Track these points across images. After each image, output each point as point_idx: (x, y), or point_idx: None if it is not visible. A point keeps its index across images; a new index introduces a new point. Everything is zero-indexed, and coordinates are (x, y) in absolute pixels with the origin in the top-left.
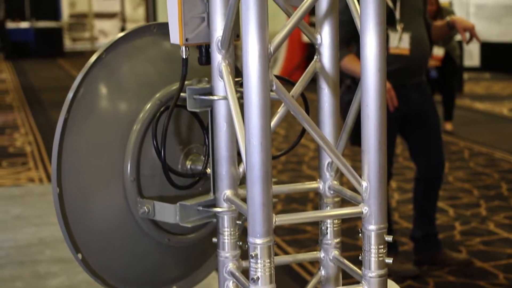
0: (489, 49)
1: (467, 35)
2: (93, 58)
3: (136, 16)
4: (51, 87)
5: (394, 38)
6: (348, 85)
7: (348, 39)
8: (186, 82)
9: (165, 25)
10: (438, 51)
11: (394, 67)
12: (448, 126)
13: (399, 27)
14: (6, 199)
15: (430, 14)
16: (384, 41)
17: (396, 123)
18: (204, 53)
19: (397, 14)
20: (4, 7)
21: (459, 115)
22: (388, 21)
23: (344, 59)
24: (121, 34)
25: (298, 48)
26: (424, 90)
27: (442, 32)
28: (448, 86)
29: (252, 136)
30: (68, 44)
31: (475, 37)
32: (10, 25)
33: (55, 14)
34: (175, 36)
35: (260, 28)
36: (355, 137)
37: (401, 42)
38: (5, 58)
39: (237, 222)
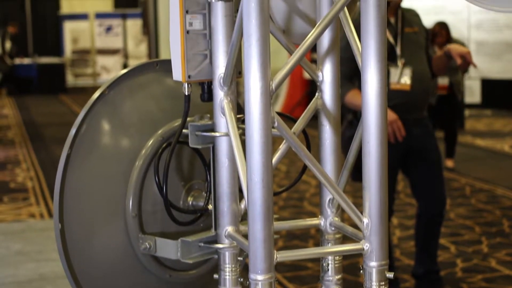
0: (490, 86)
1: (463, 60)
2: (96, 94)
3: (139, 52)
4: (53, 123)
5: (395, 73)
6: (349, 120)
7: (351, 76)
8: (188, 119)
9: (168, 62)
10: (443, 80)
11: (394, 103)
12: (450, 163)
13: (400, 62)
14: (7, 234)
15: (439, 46)
16: (385, 78)
17: (397, 159)
18: (206, 90)
19: (398, 50)
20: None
21: (461, 151)
22: (389, 57)
23: (347, 94)
24: (124, 70)
25: (299, 85)
26: (425, 126)
27: (441, 63)
28: (450, 123)
29: (253, 173)
30: (70, 80)
31: (470, 63)
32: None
33: (58, 50)
34: (177, 73)
35: (262, 65)
36: (357, 173)
37: (402, 77)
38: (7, 93)
39: (239, 258)
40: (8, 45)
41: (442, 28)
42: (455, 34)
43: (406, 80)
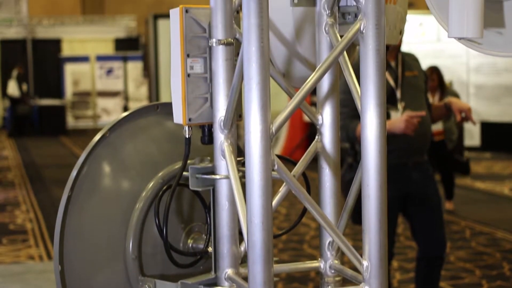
0: (489, 129)
1: (462, 115)
2: (97, 137)
3: (139, 94)
4: (53, 165)
5: (395, 117)
6: (349, 163)
7: (353, 116)
8: (188, 161)
9: (169, 105)
10: (437, 126)
11: (395, 146)
12: (449, 206)
13: (400, 106)
14: (6, 276)
15: (431, 90)
16: (384, 122)
17: (397, 202)
18: (207, 133)
19: (398, 93)
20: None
21: (460, 194)
22: (389, 100)
23: (357, 128)
24: (125, 113)
25: (299, 127)
26: (425, 169)
27: (440, 113)
28: (444, 168)
29: (253, 215)
30: (70, 121)
31: (470, 119)
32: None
33: (59, 92)
34: (178, 116)
35: (262, 108)
36: (356, 216)
37: None
38: (8, 135)
39: None
40: (24, 87)
41: (433, 72)
42: (454, 78)
43: None
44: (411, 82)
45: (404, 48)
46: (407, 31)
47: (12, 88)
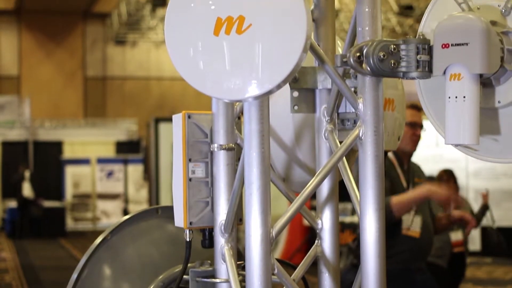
0: (489, 234)
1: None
2: (99, 239)
3: (139, 197)
4: (51, 267)
5: (407, 219)
6: (351, 262)
7: None
8: (189, 265)
9: (169, 209)
10: (457, 235)
11: (403, 248)
12: None
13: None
14: None
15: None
16: (383, 227)
17: None
18: (207, 236)
19: None
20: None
21: None
22: None
23: None
24: (127, 216)
25: (299, 231)
26: (425, 272)
27: (445, 224)
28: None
29: None
30: (70, 223)
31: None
32: (13, 204)
33: (59, 194)
34: (179, 219)
35: (263, 213)
36: None
37: (412, 224)
38: (7, 236)
39: None
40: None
41: (450, 177)
42: None
43: (415, 227)
44: None
45: None
46: None
47: (27, 190)
